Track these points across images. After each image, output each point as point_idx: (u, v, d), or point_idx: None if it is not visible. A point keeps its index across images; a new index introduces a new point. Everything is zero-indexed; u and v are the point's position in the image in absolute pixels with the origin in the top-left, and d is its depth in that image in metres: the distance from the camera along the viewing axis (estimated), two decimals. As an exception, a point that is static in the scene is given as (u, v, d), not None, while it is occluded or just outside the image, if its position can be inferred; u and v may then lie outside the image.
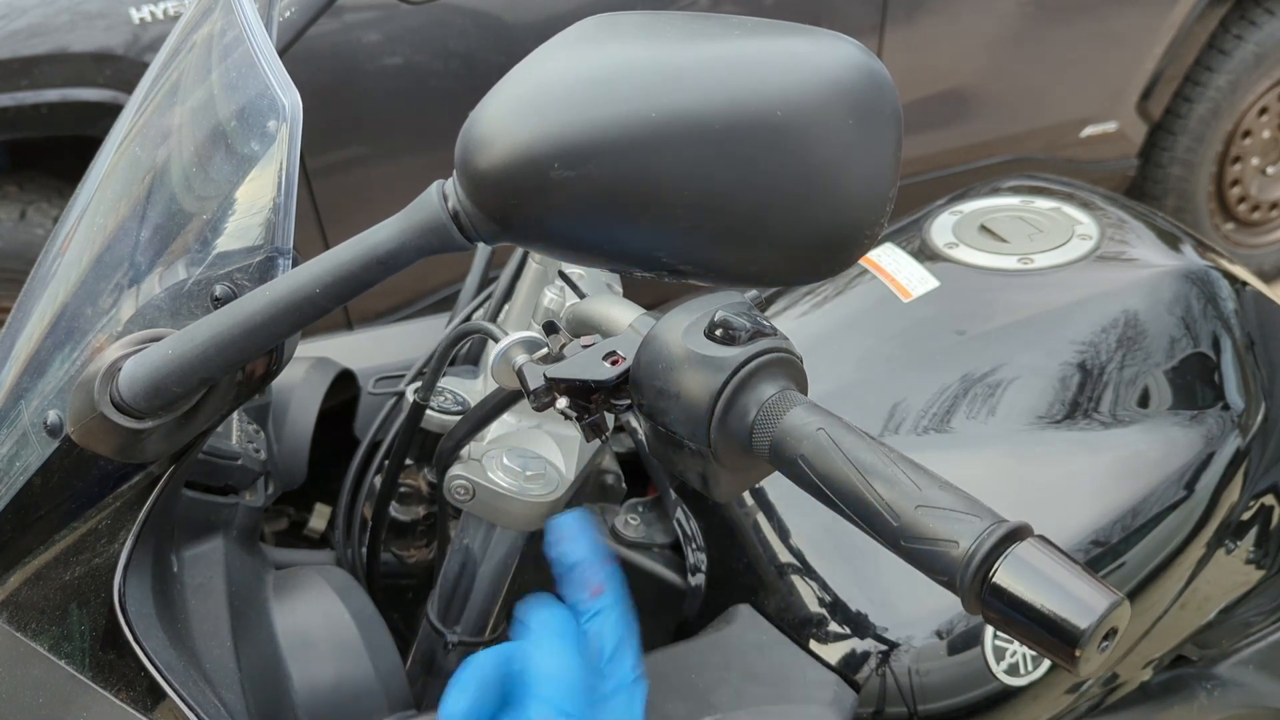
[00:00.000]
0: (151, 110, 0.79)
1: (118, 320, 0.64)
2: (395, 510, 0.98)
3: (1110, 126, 2.66)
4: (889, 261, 1.00)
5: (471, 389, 0.93)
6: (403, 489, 0.98)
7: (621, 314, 0.62)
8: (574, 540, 0.63)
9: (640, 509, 0.91)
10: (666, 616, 0.89)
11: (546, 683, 0.56)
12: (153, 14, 1.88)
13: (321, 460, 1.00)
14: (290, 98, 0.59)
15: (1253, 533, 0.95)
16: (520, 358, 0.60)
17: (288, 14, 0.92)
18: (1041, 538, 0.43)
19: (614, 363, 0.57)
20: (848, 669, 0.79)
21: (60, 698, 0.61)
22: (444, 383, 0.93)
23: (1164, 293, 0.96)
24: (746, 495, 0.86)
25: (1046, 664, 0.82)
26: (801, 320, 0.99)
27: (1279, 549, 0.97)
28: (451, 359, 0.97)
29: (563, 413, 0.60)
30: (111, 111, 1.81)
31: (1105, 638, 0.41)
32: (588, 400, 0.60)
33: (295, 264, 0.57)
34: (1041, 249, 1.00)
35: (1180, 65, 2.63)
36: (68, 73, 1.88)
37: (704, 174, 0.43)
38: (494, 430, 0.83)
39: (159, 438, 0.57)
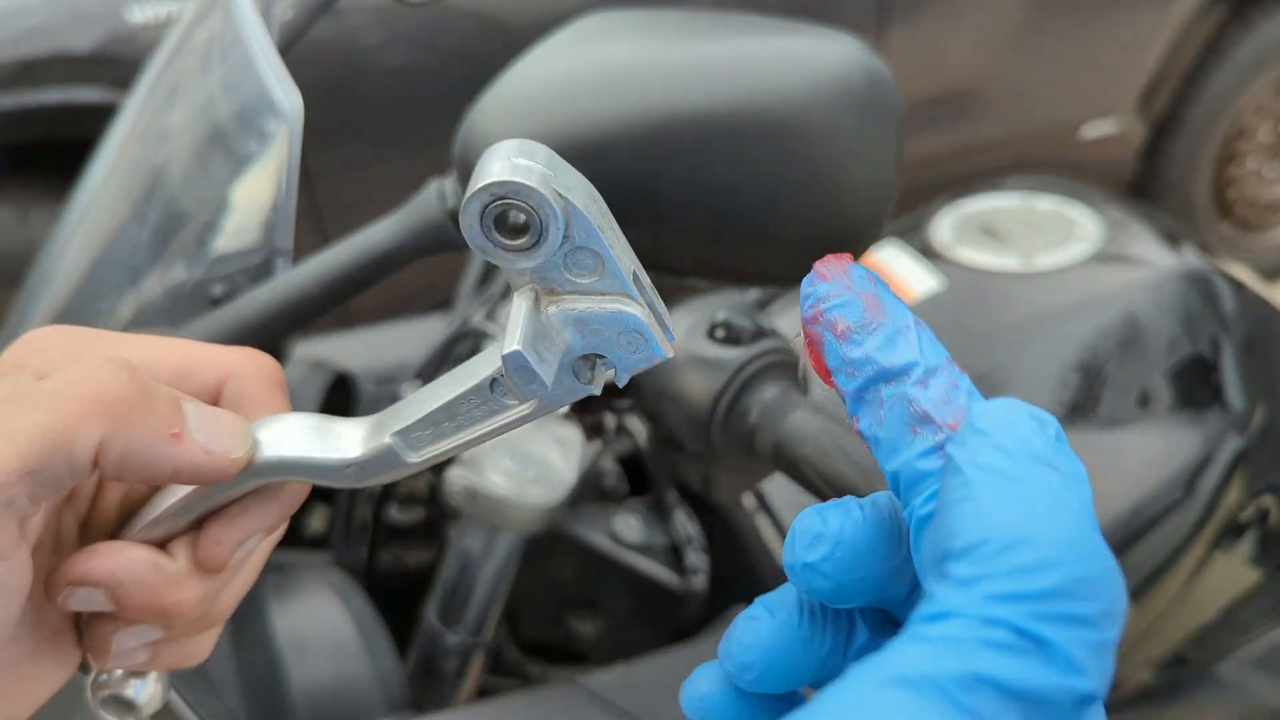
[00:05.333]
0: (151, 111, 0.79)
1: (117, 321, 0.64)
2: (394, 512, 0.97)
3: (1110, 127, 2.66)
4: (890, 261, 1.00)
5: (471, 390, 0.93)
6: (402, 491, 0.98)
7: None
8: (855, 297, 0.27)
9: (640, 511, 0.91)
10: (666, 619, 0.89)
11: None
12: (155, 16, 1.88)
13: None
14: (291, 98, 0.59)
15: (1252, 533, 0.95)
16: (520, 358, 0.60)
17: (288, 14, 0.92)
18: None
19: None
20: (848, 670, 0.78)
21: (57, 698, 0.61)
22: (443, 383, 0.93)
23: (1164, 294, 0.96)
24: (747, 497, 0.86)
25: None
26: (801, 321, 0.99)
27: (1278, 549, 0.97)
28: (450, 359, 0.97)
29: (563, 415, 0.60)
30: (111, 113, 1.81)
31: (1107, 639, 0.41)
32: (588, 402, 0.60)
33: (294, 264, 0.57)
34: (1042, 249, 1.00)
35: (1179, 66, 2.63)
36: (67, 74, 1.88)
37: (704, 173, 0.42)
38: (494, 431, 0.83)
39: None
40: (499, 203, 0.26)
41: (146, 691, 0.38)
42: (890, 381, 0.25)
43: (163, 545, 0.32)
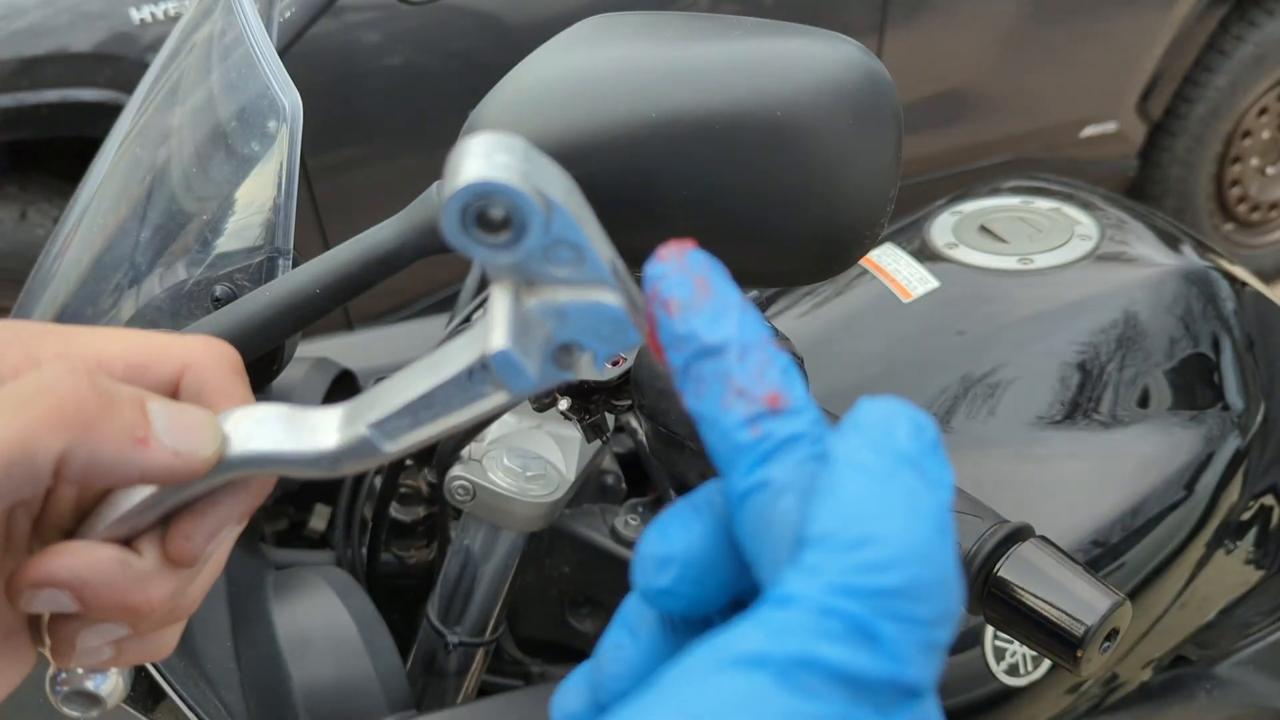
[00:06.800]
0: (152, 111, 0.79)
1: (118, 321, 0.65)
2: (395, 511, 0.98)
3: (1110, 127, 2.66)
4: (889, 262, 1.00)
5: (471, 389, 0.93)
6: (403, 489, 0.98)
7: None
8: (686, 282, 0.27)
9: (640, 510, 0.91)
10: (667, 617, 0.89)
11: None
12: (153, 14, 1.88)
13: (321, 461, 1.00)
14: (290, 98, 0.59)
15: (1253, 533, 0.95)
16: (520, 358, 0.60)
17: (288, 14, 0.92)
18: (1043, 538, 0.43)
19: (615, 363, 0.57)
20: (848, 669, 0.78)
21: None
22: (444, 383, 0.93)
23: (1164, 293, 0.96)
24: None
25: (1046, 664, 0.82)
26: (801, 320, 0.99)
27: (1279, 549, 0.97)
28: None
29: (564, 413, 0.60)
30: (111, 112, 1.81)
31: (1107, 638, 0.41)
32: (589, 401, 0.60)
33: (295, 264, 0.57)
34: (1041, 249, 1.00)
35: (1180, 65, 2.63)
36: (68, 73, 1.88)
37: (704, 174, 0.43)
38: (494, 430, 0.83)
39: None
40: (479, 201, 0.26)
41: (108, 684, 0.37)
42: (711, 357, 0.26)
43: (127, 542, 0.31)
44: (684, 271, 0.27)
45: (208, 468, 0.30)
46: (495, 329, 0.27)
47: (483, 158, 0.26)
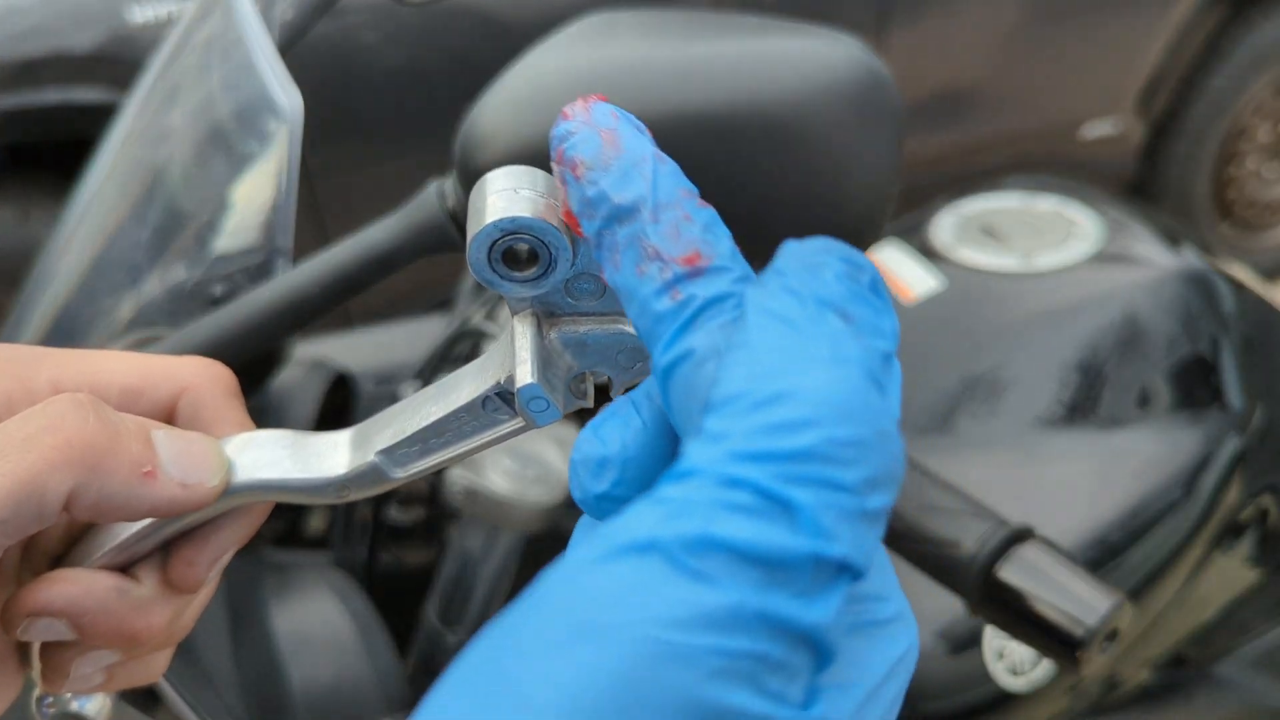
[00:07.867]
0: (151, 111, 0.79)
1: (118, 321, 0.65)
2: (394, 511, 0.97)
3: (1109, 127, 2.66)
4: (890, 261, 1.00)
5: (471, 389, 0.93)
6: (402, 491, 0.98)
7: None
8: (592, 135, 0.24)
9: (640, 510, 0.91)
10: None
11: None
12: (155, 16, 1.88)
13: (320, 461, 1.00)
14: (291, 98, 0.59)
15: (1251, 533, 0.95)
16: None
17: (288, 14, 0.92)
18: (1044, 540, 0.43)
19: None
20: (848, 670, 0.78)
21: None
22: (443, 383, 0.93)
23: (1164, 293, 0.96)
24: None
25: (1046, 664, 0.82)
26: (801, 321, 0.99)
27: (1278, 549, 0.97)
28: (450, 359, 0.97)
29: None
30: (112, 113, 1.81)
31: (1107, 639, 0.41)
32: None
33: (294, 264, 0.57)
34: (1042, 249, 1.00)
35: (1179, 66, 2.63)
36: (67, 74, 1.88)
37: (704, 173, 0.42)
38: (494, 431, 0.83)
39: (158, 438, 0.57)
40: (507, 238, 0.25)
41: (94, 704, 0.37)
42: (624, 220, 0.23)
43: (124, 569, 0.31)
44: (590, 128, 0.24)
45: (214, 498, 0.30)
46: (521, 364, 0.27)
47: (509, 192, 0.25)
